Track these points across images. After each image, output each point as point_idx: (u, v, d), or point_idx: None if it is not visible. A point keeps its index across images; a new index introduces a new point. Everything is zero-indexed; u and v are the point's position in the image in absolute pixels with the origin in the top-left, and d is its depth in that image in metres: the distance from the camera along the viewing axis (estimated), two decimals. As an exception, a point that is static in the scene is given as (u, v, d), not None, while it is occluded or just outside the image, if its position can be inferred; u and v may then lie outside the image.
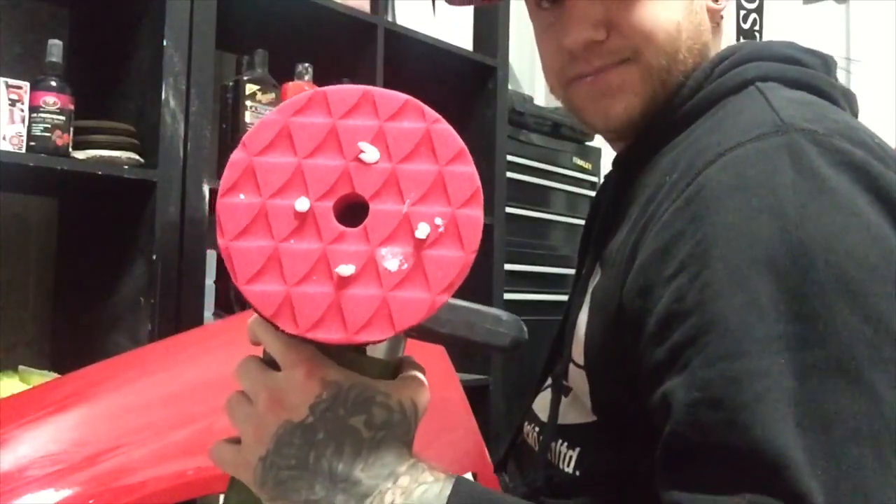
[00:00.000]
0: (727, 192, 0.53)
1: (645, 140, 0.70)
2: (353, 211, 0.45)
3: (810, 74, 0.65)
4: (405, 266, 0.43)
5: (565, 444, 0.69)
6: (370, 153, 0.44)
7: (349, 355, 0.49)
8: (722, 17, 0.71)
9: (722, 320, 0.49)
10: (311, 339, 0.45)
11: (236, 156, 0.51)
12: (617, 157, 0.77)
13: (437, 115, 0.46)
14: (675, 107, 0.68)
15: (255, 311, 0.47)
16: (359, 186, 0.44)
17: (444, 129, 0.45)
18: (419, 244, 0.43)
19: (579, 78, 0.69)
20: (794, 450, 0.45)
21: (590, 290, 0.69)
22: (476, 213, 0.44)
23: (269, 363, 0.53)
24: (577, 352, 0.68)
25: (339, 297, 0.43)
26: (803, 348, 0.47)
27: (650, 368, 0.54)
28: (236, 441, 0.52)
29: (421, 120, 0.45)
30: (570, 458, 0.68)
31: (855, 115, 0.68)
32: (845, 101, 0.66)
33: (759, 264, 0.49)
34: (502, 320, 0.61)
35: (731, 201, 0.52)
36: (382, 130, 0.44)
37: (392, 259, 0.43)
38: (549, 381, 0.77)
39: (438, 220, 0.43)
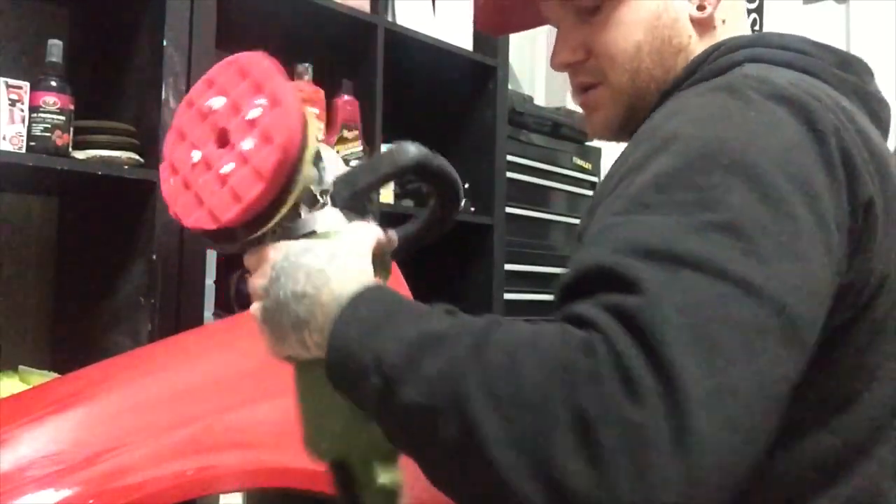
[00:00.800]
0: (664, 118, 0.59)
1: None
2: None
3: (808, 61, 0.66)
4: (236, 167, 0.60)
5: None
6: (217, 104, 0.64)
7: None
8: (719, 24, 0.72)
9: (632, 190, 0.54)
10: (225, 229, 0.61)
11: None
12: None
13: (263, 73, 0.66)
14: (667, 96, 0.71)
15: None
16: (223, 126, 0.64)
17: (264, 80, 0.65)
18: (242, 154, 0.60)
19: (575, 92, 0.79)
20: (647, 274, 0.46)
21: None
22: (277, 120, 0.60)
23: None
24: None
25: (201, 194, 0.63)
26: (696, 212, 0.50)
27: None
28: None
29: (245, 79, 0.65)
30: None
31: (880, 121, 0.69)
32: (859, 100, 0.67)
33: (676, 153, 0.54)
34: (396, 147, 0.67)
35: (667, 123, 0.58)
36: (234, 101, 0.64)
37: (227, 166, 0.61)
38: None
39: (249, 142, 0.60)
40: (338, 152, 1.72)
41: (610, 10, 0.71)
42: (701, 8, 0.71)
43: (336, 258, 0.57)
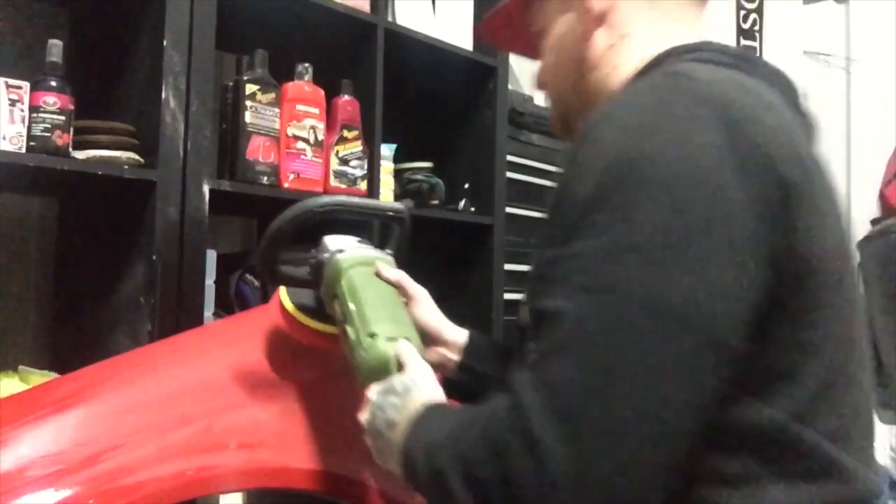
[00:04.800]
0: (590, 127, 0.63)
1: None
2: None
3: (744, 66, 0.70)
4: None
5: None
6: None
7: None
8: (630, 31, 0.78)
9: (556, 217, 0.62)
10: None
11: None
12: None
13: None
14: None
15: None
16: None
17: None
18: None
19: None
20: (571, 308, 0.57)
21: None
22: None
23: None
24: None
25: None
26: (604, 234, 0.57)
27: None
28: None
29: None
30: None
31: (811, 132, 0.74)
32: (794, 107, 0.72)
33: (593, 175, 0.60)
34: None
35: (591, 134, 0.63)
36: None
37: None
38: None
39: None
40: (338, 153, 1.72)
41: (544, 40, 0.86)
42: (586, 31, 0.80)
43: (409, 391, 0.74)
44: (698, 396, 0.56)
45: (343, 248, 0.93)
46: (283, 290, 1.02)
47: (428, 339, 0.96)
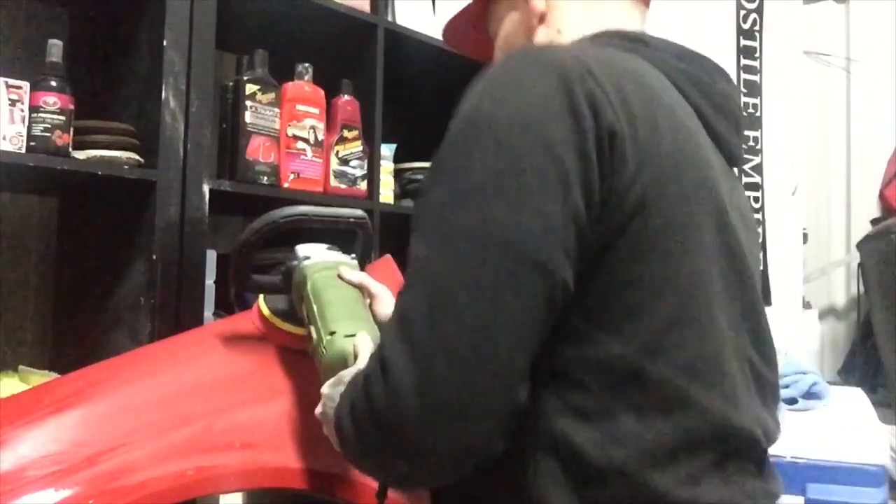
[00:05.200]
0: (465, 95, 0.72)
1: None
2: None
3: (641, 48, 0.79)
4: None
5: None
6: None
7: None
8: (558, 32, 0.85)
9: (426, 175, 0.71)
10: None
11: None
12: None
13: None
14: None
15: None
16: None
17: None
18: None
19: None
20: (421, 250, 0.66)
21: None
22: None
23: None
24: None
25: None
26: (448, 182, 0.66)
27: None
28: None
29: None
30: None
31: (723, 110, 0.81)
32: (695, 87, 0.79)
33: (449, 134, 0.69)
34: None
35: (462, 101, 0.72)
36: None
37: None
38: None
39: None
40: (338, 153, 1.72)
41: (496, 41, 0.92)
42: (530, 29, 0.86)
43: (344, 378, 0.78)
44: (522, 314, 0.62)
45: (310, 254, 1.00)
46: (261, 297, 1.09)
47: None
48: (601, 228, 0.66)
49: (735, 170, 0.87)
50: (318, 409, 0.81)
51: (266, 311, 1.08)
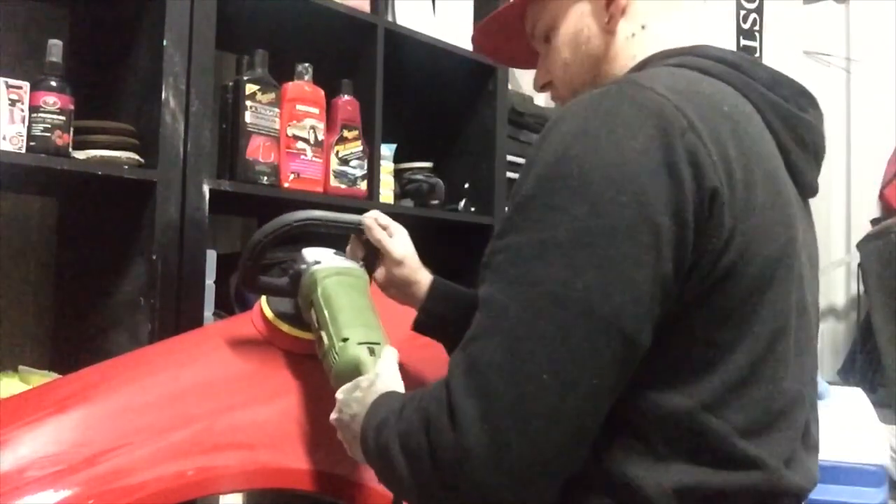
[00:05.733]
0: (547, 129, 0.68)
1: None
2: None
3: (733, 75, 0.75)
4: None
5: None
6: None
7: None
8: (637, 30, 0.81)
9: (506, 214, 0.68)
10: None
11: None
12: None
13: None
14: None
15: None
16: None
17: None
18: None
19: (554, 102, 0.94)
20: (497, 297, 0.64)
21: None
22: None
23: None
24: None
25: None
26: (534, 230, 0.63)
27: None
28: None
29: None
30: None
31: (805, 145, 0.78)
32: (781, 120, 0.76)
33: (534, 177, 0.65)
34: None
35: (543, 137, 0.68)
36: None
37: None
38: None
39: None
40: (338, 153, 1.72)
41: (552, 38, 0.86)
42: (609, 22, 0.81)
43: (372, 384, 0.80)
44: (599, 380, 0.61)
45: (320, 259, 1.00)
46: (263, 299, 1.09)
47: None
48: (687, 293, 0.65)
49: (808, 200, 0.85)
50: (333, 415, 0.82)
51: (269, 314, 1.08)
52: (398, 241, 1.03)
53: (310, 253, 1.02)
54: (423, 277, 1.04)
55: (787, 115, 0.76)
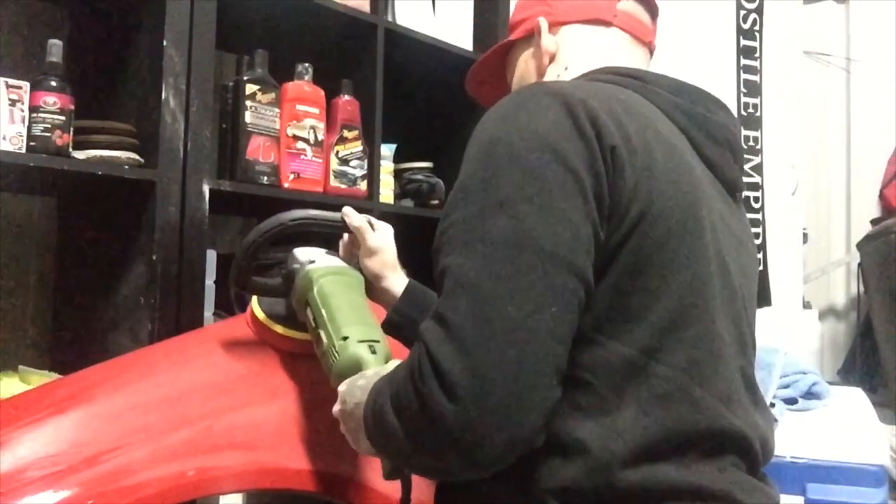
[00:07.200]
0: (480, 122, 0.78)
1: None
2: None
3: (637, 84, 0.86)
4: None
5: None
6: None
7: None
8: (565, 68, 0.95)
9: (450, 197, 0.76)
10: None
11: None
12: None
13: None
14: None
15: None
16: None
17: None
18: None
19: None
20: (455, 262, 0.70)
21: None
22: None
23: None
24: None
25: None
26: (480, 199, 0.71)
27: None
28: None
29: None
30: None
31: (717, 141, 0.88)
32: (689, 119, 0.86)
33: (469, 160, 0.75)
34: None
35: (476, 129, 0.78)
36: None
37: None
38: None
39: None
40: (338, 153, 1.72)
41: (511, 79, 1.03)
42: (550, 59, 0.96)
43: (376, 374, 0.82)
44: (558, 308, 0.68)
45: (314, 258, 1.00)
46: (254, 300, 1.08)
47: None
48: (608, 239, 0.72)
49: (736, 196, 0.93)
50: (336, 407, 0.84)
51: (261, 315, 1.07)
52: (378, 234, 1.06)
53: (302, 252, 1.01)
54: (397, 276, 1.06)
55: (694, 115, 0.86)
